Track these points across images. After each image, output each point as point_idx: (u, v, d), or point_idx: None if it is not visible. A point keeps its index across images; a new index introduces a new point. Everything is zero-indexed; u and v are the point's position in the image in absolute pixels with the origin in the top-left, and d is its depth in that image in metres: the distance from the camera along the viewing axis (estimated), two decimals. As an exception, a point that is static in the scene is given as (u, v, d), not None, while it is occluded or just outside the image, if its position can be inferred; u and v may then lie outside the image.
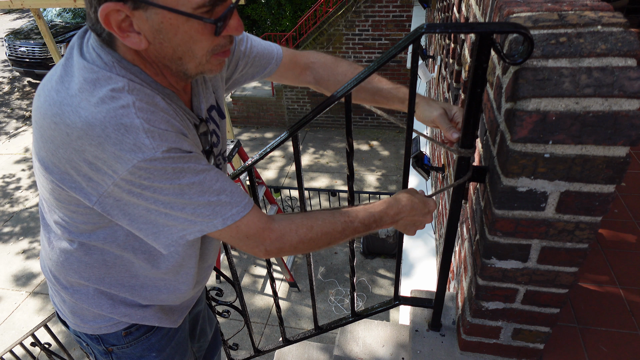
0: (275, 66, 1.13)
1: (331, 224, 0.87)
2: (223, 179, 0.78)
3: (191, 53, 0.72)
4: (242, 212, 0.79)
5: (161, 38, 0.69)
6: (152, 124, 0.69)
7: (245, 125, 8.79)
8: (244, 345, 3.92)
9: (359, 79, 0.86)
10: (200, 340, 1.38)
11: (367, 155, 7.41)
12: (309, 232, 0.85)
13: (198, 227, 0.78)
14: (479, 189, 1.01)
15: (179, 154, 0.72)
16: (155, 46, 0.71)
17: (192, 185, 0.74)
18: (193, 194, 0.74)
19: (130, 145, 0.67)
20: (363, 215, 0.89)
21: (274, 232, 0.83)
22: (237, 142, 4.26)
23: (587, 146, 0.72)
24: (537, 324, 1.02)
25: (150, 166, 0.69)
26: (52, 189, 0.78)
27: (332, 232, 0.87)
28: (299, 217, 0.87)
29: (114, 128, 0.66)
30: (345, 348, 1.48)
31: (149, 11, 0.66)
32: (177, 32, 0.68)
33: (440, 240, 1.90)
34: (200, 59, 0.74)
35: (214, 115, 0.97)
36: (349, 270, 1.54)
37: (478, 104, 0.79)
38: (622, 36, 0.67)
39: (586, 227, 0.82)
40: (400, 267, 1.28)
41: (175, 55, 0.72)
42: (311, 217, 0.87)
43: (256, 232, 0.82)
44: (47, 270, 1.01)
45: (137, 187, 0.71)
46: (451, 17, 2.26)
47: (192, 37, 0.70)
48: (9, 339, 4.43)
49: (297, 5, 9.54)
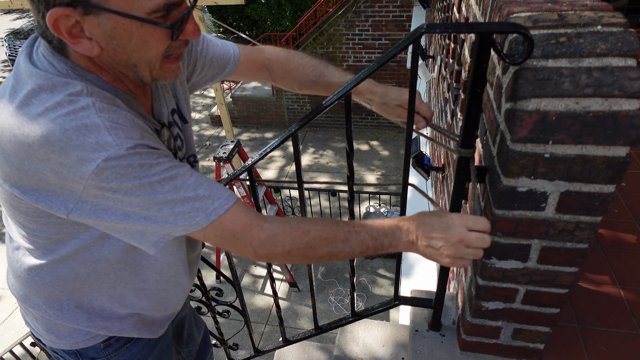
0: (234, 66, 1.11)
1: (332, 231, 0.79)
2: (197, 174, 0.75)
3: (146, 59, 0.70)
4: (225, 205, 0.74)
5: (115, 44, 0.67)
6: (115, 121, 0.67)
7: (245, 125, 8.79)
8: (244, 345, 3.92)
9: (358, 79, 0.86)
10: (189, 345, 1.36)
11: (367, 155, 7.42)
12: (304, 236, 0.77)
13: (180, 227, 0.74)
14: (479, 189, 1.01)
15: (146, 150, 0.69)
16: (108, 52, 0.68)
17: (163, 181, 0.70)
18: (167, 191, 0.70)
19: (92, 145, 0.64)
20: (371, 228, 0.80)
21: (264, 231, 0.77)
22: (237, 142, 4.26)
23: (587, 146, 0.72)
24: (537, 324, 1.02)
25: (116, 164, 0.65)
26: (19, 203, 0.74)
27: (333, 239, 0.78)
28: (296, 219, 0.81)
29: (75, 129, 0.64)
30: (345, 348, 1.48)
31: (100, 16, 0.63)
32: (131, 37, 0.66)
33: (440, 240, 1.90)
34: (154, 65, 0.72)
35: (176, 119, 0.94)
36: (349, 270, 1.54)
37: (478, 104, 0.79)
38: (622, 36, 0.67)
39: (586, 227, 0.82)
40: (400, 267, 1.28)
41: (130, 61, 0.70)
42: (309, 220, 0.80)
43: (243, 229, 0.76)
44: (16, 289, 0.96)
45: (108, 190, 0.68)
46: (451, 17, 2.26)
47: (147, 43, 0.68)
48: (9, 339, 4.43)
49: (297, 5, 9.55)
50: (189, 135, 1.00)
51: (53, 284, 0.88)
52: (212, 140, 8.33)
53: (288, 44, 9.34)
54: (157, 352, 1.11)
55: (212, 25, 10.60)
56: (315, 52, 7.74)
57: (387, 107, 1.05)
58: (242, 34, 10.24)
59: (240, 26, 10.60)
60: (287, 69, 1.13)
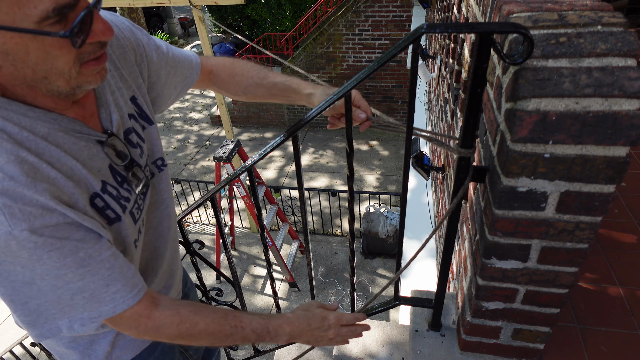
0: (196, 74, 1.08)
1: (219, 325, 0.83)
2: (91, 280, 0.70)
3: (56, 70, 0.62)
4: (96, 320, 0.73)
5: (11, 60, 0.59)
6: (10, 197, 0.60)
7: (245, 125, 8.79)
8: (243, 345, 3.92)
9: (358, 79, 0.86)
10: None
11: (367, 155, 7.42)
12: (191, 329, 0.81)
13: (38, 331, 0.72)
14: (479, 189, 1.01)
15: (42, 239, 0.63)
16: (7, 69, 0.60)
17: (44, 277, 0.66)
18: (44, 286, 0.67)
19: None
20: (256, 324, 0.87)
21: (152, 321, 0.79)
22: (237, 142, 4.25)
23: (587, 146, 0.72)
24: (537, 324, 1.02)
25: (4, 245, 0.61)
26: None
27: (217, 333, 0.84)
28: (188, 309, 0.83)
29: None
30: (344, 348, 1.48)
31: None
32: (28, 51, 0.58)
33: (440, 240, 1.90)
34: (69, 74, 0.63)
35: (134, 125, 0.88)
36: (349, 270, 1.54)
37: (478, 104, 0.79)
38: (622, 36, 0.67)
39: (586, 227, 0.82)
40: (401, 267, 1.28)
41: (37, 75, 0.62)
42: (199, 313, 0.83)
43: (130, 317, 0.77)
44: None
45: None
46: (451, 17, 2.26)
47: (49, 54, 0.60)
48: (9, 339, 4.42)
49: (297, 5, 9.55)
50: (155, 138, 0.95)
51: None
52: (212, 140, 8.33)
53: (288, 44, 9.34)
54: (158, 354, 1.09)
55: (212, 25, 10.60)
56: (315, 52, 7.74)
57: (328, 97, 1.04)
58: (241, 34, 10.22)
59: (240, 26, 10.59)
60: (233, 72, 1.13)
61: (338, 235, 5.55)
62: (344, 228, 5.61)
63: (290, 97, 1.10)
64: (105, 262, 0.72)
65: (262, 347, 1.69)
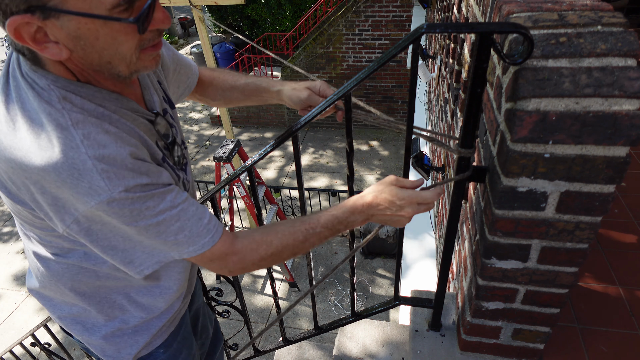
0: (195, 77, 1.15)
1: (291, 234, 0.87)
2: (185, 218, 0.78)
3: (119, 55, 0.69)
4: (199, 251, 0.81)
5: (82, 45, 0.65)
6: (106, 163, 0.67)
7: (245, 125, 8.79)
8: (244, 345, 3.92)
9: (358, 79, 0.86)
10: (202, 336, 1.39)
11: (367, 155, 7.41)
12: (269, 248, 0.86)
13: (155, 258, 0.81)
14: (479, 189, 1.01)
15: (138, 194, 0.70)
16: (78, 53, 0.67)
17: (148, 227, 0.74)
18: (150, 234, 0.75)
19: (85, 189, 0.66)
20: (325, 220, 0.88)
21: (236, 255, 0.85)
22: (237, 142, 4.25)
23: (587, 146, 0.72)
24: (537, 324, 1.02)
25: (108, 208, 0.69)
26: (31, 219, 0.79)
27: (294, 242, 0.87)
28: (259, 233, 0.87)
29: (68, 173, 0.65)
30: (344, 348, 1.48)
31: (61, 19, 0.61)
32: (98, 36, 0.64)
33: (440, 240, 1.90)
34: (130, 59, 0.70)
35: (167, 107, 0.96)
36: (349, 270, 1.54)
37: (478, 104, 0.79)
38: (622, 36, 0.67)
39: (586, 227, 0.82)
40: (401, 267, 1.28)
41: (103, 60, 0.69)
42: (270, 232, 0.87)
43: (219, 257, 0.84)
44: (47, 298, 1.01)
45: (97, 223, 0.72)
46: (451, 17, 2.26)
47: (115, 39, 0.66)
48: (9, 339, 4.43)
49: (297, 5, 9.54)
50: (178, 120, 1.03)
51: (74, 286, 0.93)
52: (212, 140, 8.33)
53: (288, 44, 9.34)
54: (180, 339, 1.15)
55: (212, 25, 10.60)
56: (315, 52, 7.74)
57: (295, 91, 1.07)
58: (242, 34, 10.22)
59: (240, 26, 10.59)
60: (212, 77, 1.20)
61: (338, 235, 5.55)
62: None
63: (262, 96, 1.16)
64: (189, 200, 0.80)
65: (262, 347, 1.69)
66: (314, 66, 7.90)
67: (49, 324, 3.05)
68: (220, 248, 0.83)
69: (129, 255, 0.79)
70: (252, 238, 0.87)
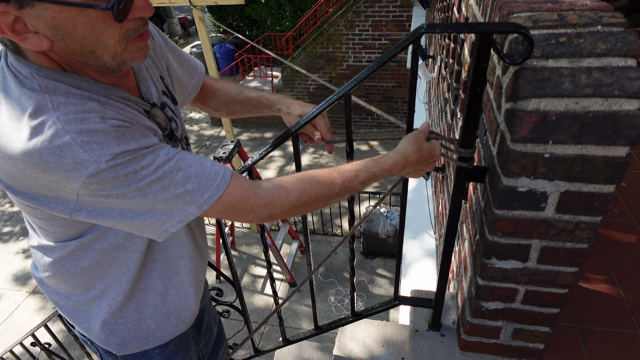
0: (201, 78, 1.13)
1: (327, 185, 0.84)
2: (186, 166, 0.75)
3: (102, 45, 0.67)
4: (215, 195, 0.76)
5: (61, 34, 0.64)
6: (85, 135, 0.65)
7: (245, 125, 8.79)
8: (244, 345, 3.92)
9: (358, 79, 0.86)
10: (207, 335, 1.39)
11: (367, 155, 7.37)
12: (301, 196, 0.82)
13: (176, 218, 0.77)
14: (479, 189, 1.01)
15: (127, 158, 0.68)
16: (58, 44, 0.66)
17: (151, 184, 0.71)
18: (156, 191, 0.72)
19: (70, 165, 0.65)
20: (364, 177, 0.86)
21: (261, 198, 0.80)
22: (237, 142, 4.25)
23: (587, 146, 0.72)
24: (537, 324, 1.02)
25: (100, 179, 0.67)
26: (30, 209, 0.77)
27: (328, 194, 0.84)
28: (291, 180, 0.83)
29: (50, 152, 0.64)
30: (345, 348, 1.48)
31: (36, 8, 0.60)
32: (76, 25, 0.63)
33: (440, 240, 1.90)
34: (114, 49, 0.69)
35: (167, 101, 0.95)
36: (348, 270, 1.54)
37: (478, 104, 0.79)
38: (622, 36, 0.67)
39: (586, 227, 0.82)
40: (401, 267, 1.28)
41: (85, 49, 0.67)
42: (303, 180, 0.83)
43: (241, 201, 0.79)
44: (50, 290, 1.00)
45: (100, 197, 0.70)
46: (451, 17, 2.26)
47: (94, 28, 0.64)
48: (9, 339, 4.43)
49: (297, 5, 9.54)
50: (181, 117, 1.02)
51: (78, 274, 0.91)
52: (212, 140, 8.33)
53: (288, 44, 9.34)
54: (178, 339, 1.14)
55: (212, 25, 10.60)
56: (315, 52, 7.74)
57: (290, 117, 1.09)
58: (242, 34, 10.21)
59: (240, 26, 10.59)
60: (214, 87, 1.19)
61: (338, 235, 5.55)
62: (343, 228, 5.61)
63: (264, 111, 1.16)
64: (185, 151, 0.77)
65: (262, 347, 1.69)
66: (314, 66, 7.90)
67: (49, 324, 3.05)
68: (239, 190, 0.79)
69: (147, 217, 0.75)
70: (281, 184, 0.82)
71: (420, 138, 0.89)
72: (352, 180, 0.85)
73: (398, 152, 0.88)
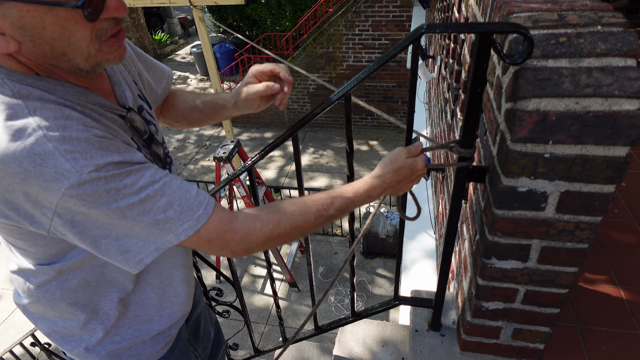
0: (169, 83, 1.09)
1: (301, 215, 0.81)
2: (171, 192, 0.72)
3: (73, 46, 0.63)
4: (195, 226, 0.74)
5: (30, 35, 0.60)
6: (68, 144, 0.62)
7: (245, 125, 8.79)
8: (244, 345, 3.92)
9: (358, 79, 0.86)
10: (204, 339, 1.38)
11: (367, 155, 7.41)
12: (276, 228, 0.80)
13: (152, 245, 0.74)
14: (479, 189, 1.01)
15: (111, 172, 0.65)
16: (27, 45, 0.62)
17: (132, 206, 0.68)
18: (136, 215, 0.69)
19: (51, 175, 0.61)
20: (340, 203, 0.84)
21: (237, 233, 0.78)
22: (237, 142, 4.25)
23: (587, 146, 0.72)
24: (537, 324, 1.02)
25: (81, 192, 0.63)
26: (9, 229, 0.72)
27: (304, 224, 0.82)
28: (266, 212, 0.81)
29: (29, 161, 0.60)
30: (345, 348, 1.48)
31: (2, 7, 0.57)
32: (44, 25, 0.60)
33: (440, 240, 1.90)
34: (87, 51, 0.65)
35: (143, 105, 0.91)
36: (349, 270, 1.54)
37: (478, 104, 0.79)
38: (622, 36, 0.67)
39: (586, 227, 0.82)
40: (401, 267, 1.28)
41: (56, 51, 0.64)
42: (278, 211, 0.81)
43: (217, 236, 0.77)
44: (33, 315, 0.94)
45: (78, 213, 0.67)
46: (451, 17, 2.26)
47: (64, 29, 0.61)
48: (9, 339, 4.43)
49: (297, 5, 9.54)
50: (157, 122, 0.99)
51: (65, 297, 0.86)
52: (212, 140, 8.33)
53: (288, 44, 9.34)
54: (177, 354, 1.09)
55: (212, 25, 10.60)
56: (315, 52, 7.74)
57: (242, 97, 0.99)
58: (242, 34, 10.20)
59: (240, 26, 10.59)
60: (174, 97, 1.14)
61: (338, 235, 5.55)
62: (343, 228, 5.61)
63: (222, 113, 1.10)
64: (171, 175, 0.74)
65: (262, 347, 1.69)
66: (314, 66, 7.90)
67: (49, 324, 3.05)
68: (218, 225, 0.76)
69: (123, 243, 0.72)
70: (257, 216, 0.80)
71: (399, 158, 0.85)
72: (328, 208, 0.83)
73: (374, 177, 0.86)
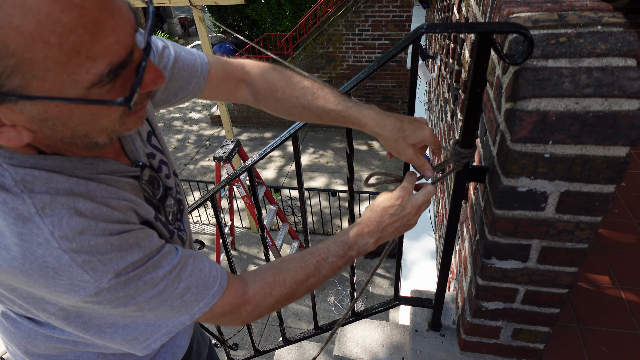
0: (203, 80, 0.90)
1: (302, 270, 0.80)
2: (187, 275, 0.68)
3: (98, 129, 0.56)
4: (210, 303, 0.72)
5: (51, 125, 0.52)
6: (87, 253, 0.56)
7: (245, 125, 8.79)
8: (243, 345, 3.92)
9: (358, 79, 0.86)
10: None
11: (367, 155, 7.41)
12: (283, 289, 0.79)
13: (163, 329, 0.71)
14: (479, 189, 1.01)
15: (132, 273, 0.60)
16: (44, 133, 0.54)
17: (149, 300, 0.64)
18: (153, 306, 0.66)
19: (66, 286, 0.56)
20: (336, 248, 0.82)
21: (250, 304, 0.77)
22: (237, 142, 4.25)
23: (587, 146, 0.72)
24: (537, 324, 1.02)
25: (98, 298, 0.59)
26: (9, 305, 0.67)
27: (307, 277, 0.80)
28: (270, 274, 0.80)
29: (40, 274, 0.54)
30: (345, 348, 1.48)
31: (21, 103, 0.48)
32: (72, 115, 0.52)
33: (440, 240, 1.90)
34: (112, 129, 0.57)
35: (154, 142, 0.83)
36: (349, 270, 1.54)
37: (478, 104, 0.79)
38: (622, 36, 0.67)
39: (586, 227, 0.82)
40: (401, 267, 1.28)
41: (77, 134, 0.55)
42: (281, 270, 0.80)
43: (231, 310, 0.76)
44: None
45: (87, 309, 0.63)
46: (451, 17, 2.26)
47: (94, 116, 0.53)
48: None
49: (297, 5, 9.54)
50: (166, 148, 0.90)
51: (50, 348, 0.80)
52: (212, 140, 8.33)
53: (288, 44, 9.34)
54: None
55: (212, 25, 10.60)
56: (315, 52, 7.74)
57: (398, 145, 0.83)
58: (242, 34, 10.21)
59: (240, 26, 10.59)
60: (273, 86, 0.91)
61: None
62: (343, 228, 5.60)
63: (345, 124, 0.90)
64: (186, 254, 0.71)
65: (262, 347, 1.69)
66: (314, 66, 7.90)
67: (49, 324, 3.04)
68: (232, 299, 0.75)
69: (131, 331, 0.68)
70: (264, 281, 0.79)
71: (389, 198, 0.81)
72: (326, 256, 0.82)
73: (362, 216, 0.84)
